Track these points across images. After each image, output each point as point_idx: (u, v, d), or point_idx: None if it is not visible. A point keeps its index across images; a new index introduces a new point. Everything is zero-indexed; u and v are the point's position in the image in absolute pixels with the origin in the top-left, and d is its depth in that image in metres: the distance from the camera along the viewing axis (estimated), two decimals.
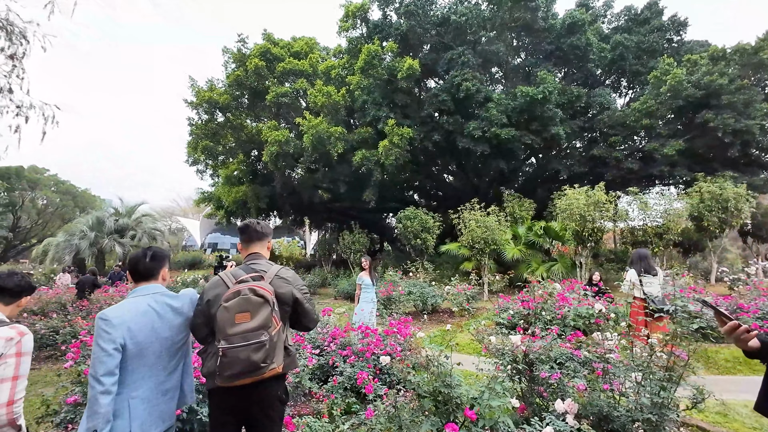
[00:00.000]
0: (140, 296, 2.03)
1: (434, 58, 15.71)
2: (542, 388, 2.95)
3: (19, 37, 8.37)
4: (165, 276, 2.20)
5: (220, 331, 1.87)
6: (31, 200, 39.26)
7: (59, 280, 13.86)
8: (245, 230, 2.28)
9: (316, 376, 4.46)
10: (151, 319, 1.96)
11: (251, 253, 2.28)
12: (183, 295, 2.17)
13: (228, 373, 1.85)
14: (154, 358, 1.96)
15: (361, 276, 6.79)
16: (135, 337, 1.87)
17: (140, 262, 2.11)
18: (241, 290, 1.93)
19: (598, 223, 10.62)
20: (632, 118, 13.72)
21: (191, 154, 19.26)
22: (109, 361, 1.78)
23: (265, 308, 1.92)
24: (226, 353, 1.83)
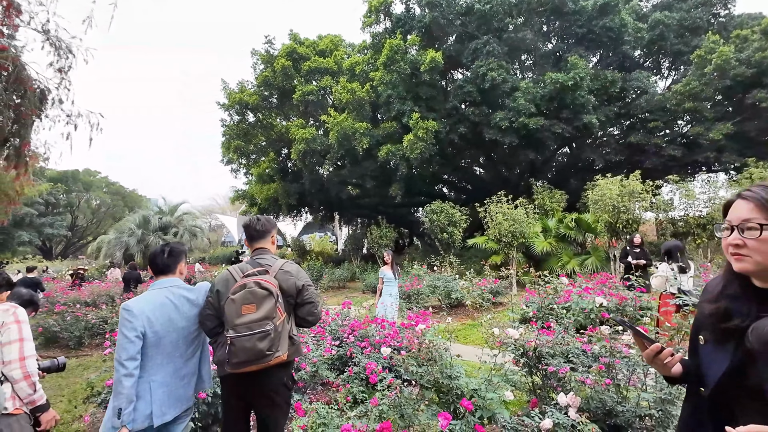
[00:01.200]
0: (158, 289, 2.23)
1: (459, 49, 15.43)
2: (553, 381, 2.93)
3: (66, 52, 9.10)
4: (182, 270, 2.40)
5: (228, 322, 2.02)
6: (86, 201, 42.51)
7: (110, 275, 15.02)
8: (247, 229, 2.43)
9: (335, 367, 4.62)
10: (168, 310, 2.16)
11: (257, 248, 2.42)
12: (198, 288, 2.37)
13: (236, 360, 1.99)
14: (171, 347, 2.16)
15: (383, 270, 6.90)
16: (153, 326, 2.08)
17: (158, 258, 2.32)
18: (247, 283, 2.07)
19: (633, 214, 10.11)
20: (674, 102, 12.87)
21: (225, 154, 20.11)
22: (131, 347, 1.99)
23: (269, 300, 2.05)
24: (234, 342, 1.98)
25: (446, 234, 13.55)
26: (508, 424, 2.29)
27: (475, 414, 2.23)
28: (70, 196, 40.63)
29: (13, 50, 7.77)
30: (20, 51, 8.26)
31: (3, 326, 2.01)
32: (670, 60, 15.49)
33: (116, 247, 26.49)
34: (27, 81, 8.01)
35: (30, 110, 7.98)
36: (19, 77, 7.92)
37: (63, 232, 38.94)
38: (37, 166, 31.65)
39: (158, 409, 2.06)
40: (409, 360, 2.64)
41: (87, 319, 7.50)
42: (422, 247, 21.43)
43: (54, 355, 7.10)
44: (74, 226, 42.75)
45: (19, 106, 7.68)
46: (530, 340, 2.66)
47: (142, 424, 2.00)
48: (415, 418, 2.30)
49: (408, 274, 10.33)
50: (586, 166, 18.19)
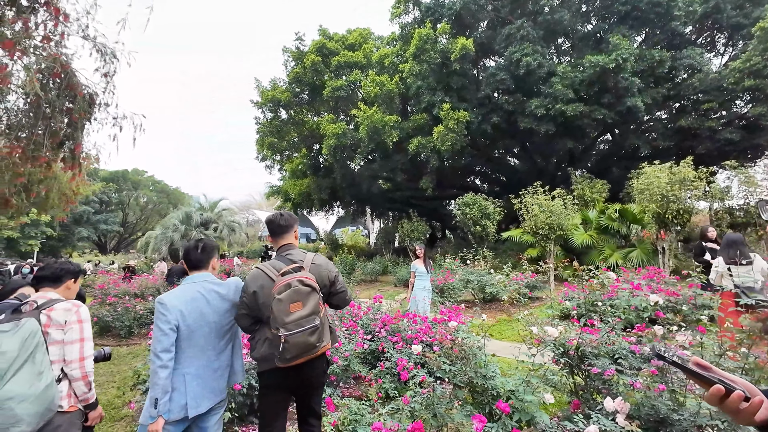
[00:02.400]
0: (191, 284, 2.28)
1: (491, 36, 14.88)
2: (597, 383, 2.74)
3: (111, 57, 9.62)
4: (215, 265, 2.44)
5: (277, 321, 2.04)
6: (134, 199, 45.34)
7: (157, 268, 15.91)
8: (271, 224, 2.45)
9: (367, 361, 4.61)
10: (200, 304, 2.21)
11: (283, 244, 2.44)
12: (228, 283, 2.40)
13: (289, 356, 2.06)
14: (204, 339, 2.20)
15: (414, 264, 6.81)
16: (186, 319, 2.13)
17: (192, 253, 2.37)
18: (291, 282, 2.11)
19: (684, 204, 9.36)
20: (731, 80, 11.74)
21: (260, 151, 20.68)
22: (165, 339, 2.05)
23: (313, 296, 2.12)
24: (288, 339, 2.03)
25: (479, 227, 13.21)
26: (548, 428, 2.15)
27: (512, 417, 2.11)
28: (121, 194, 43.50)
29: (64, 58, 8.32)
30: (70, 58, 8.83)
31: (66, 325, 2.07)
32: (727, 35, 14.12)
33: (162, 242, 28.01)
34: (77, 86, 8.54)
35: (80, 114, 8.54)
36: (70, 83, 8.46)
37: (116, 228, 41.81)
38: (92, 167, 34.08)
39: (192, 400, 2.11)
40: (441, 358, 2.55)
41: (135, 310, 7.96)
42: (455, 241, 21.09)
43: (107, 343, 7.62)
44: (125, 222, 45.78)
45: (70, 110, 8.23)
46: (571, 338, 2.48)
47: (177, 414, 2.05)
48: (448, 418, 2.22)
49: (441, 267, 10.16)
50: (629, 154, 17.12)
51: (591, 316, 3.65)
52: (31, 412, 1.70)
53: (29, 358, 1.72)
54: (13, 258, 30.97)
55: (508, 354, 3.16)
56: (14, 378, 1.67)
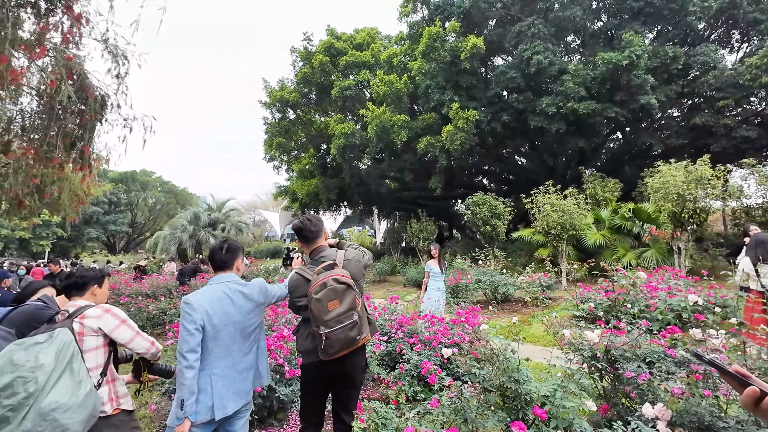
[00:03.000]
0: (216, 284, 2.25)
1: (501, 34, 14.75)
2: (629, 387, 2.66)
3: (122, 58, 9.66)
4: (239, 266, 2.41)
5: (317, 319, 2.12)
6: (143, 199, 45.73)
7: (166, 268, 16.00)
8: (302, 232, 2.47)
9: (384, 363, 4.55)
10: (225, 304, 2.19)
11: (315, 247, 2.48)
12: (253, 284, 2.37)
13: (332, 351, 2.15)
14: (229, 340, 2.18)
15: (429, 264, 6.74)
16: (211, 319, 2.11)
17: (217, 254, 2.34)
18: (326, 281, 2.16)
19: (701, 203, 9.19)
20: (748, 77, 11.51)
21: (267, 151, 20.72)
22: (191, 339, 2.03)
23: (349, 292, 2.19)
24: (329, 336, 2.11)
25: (489, 227, 13.09)
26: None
27: (548, 424, 2.04)
28: (129, 195, 43.92)
29: (77, 60, 8.37)
30: (83, 60, 8.89)
31: (99, 331, 2.07)
32: (742, 31, 13.86)
33: (171, 242, 28.23)
34: (89, 88, 8.59)
35: (91, 115, 8.58)
36: (82, 85, 8.51)
37: (125, 229, 42.22)
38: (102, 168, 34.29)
39: (219, 401, 2.10)
40: (471, 362, 2.48)
41: (148, 310, 7.98)
42: (463, 240, 20.98)
43: None
44: (134, 222, 46.20)
45: (82, 112, 8.28)
46: (604, 341, 2.39)
47: (204, 416, 2.03)
48: (479, 423, 2.15)
49: (452, 267, 10.08)
50: (641, 153, 16.88)
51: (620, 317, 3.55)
52: (75, 420, 1.74)
53: (66, 368, 1.76)
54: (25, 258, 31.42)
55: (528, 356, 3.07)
56: (54, 389, 1.70)
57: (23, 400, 1.62)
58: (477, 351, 2.58)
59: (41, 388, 1.67)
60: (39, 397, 1.65)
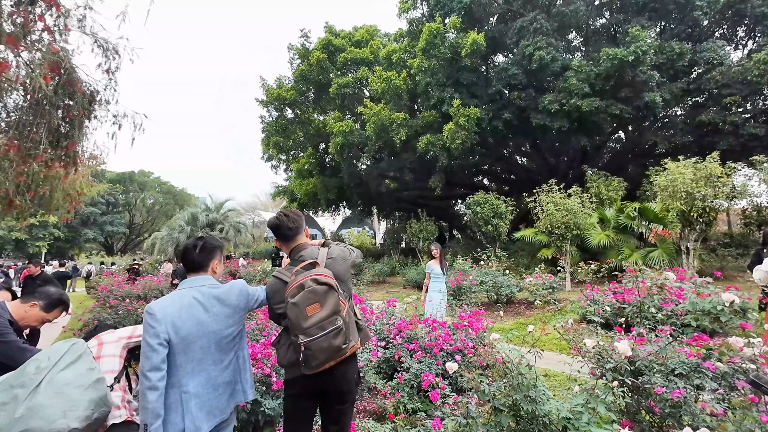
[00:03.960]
0: (187, 288, 1.94)
1: (502, 30, 14.47)
2: (652, 402, 2.35)
3: (113, 53, 9.36)
4: (216, 268, 2.09)
5: (296, 327, 1.85)
6: (141, 200, 45.43)
7: (162, 269, 15.68)
8: (278, 230, 2.18)
9: (382, 371, 4.25)
10: (197, 312, 1.88)
11: (294, 246, 2.19)
12: (230, 287, 2.06)
13: (314, 363, 1.87)
14: (202, 353, 1.88)
15: (430, 264, 6.42)
16: (179, 331, 1.81)
17: (189, 254, 2.03)
18: (303, 283, 1.88)
19: (709, 202, 8.89)
20: (756, 72, 11.22)
21: (265, 150, 20.43)
22: (154, 356, 1.73)
23: (331, 294, 1.90)
24: (309, 346, 1.83)
25: (491, 226, 12.79)
26: None
27: None
28: (127, 195, 43.62)
29: (64, 53, 8.08)
30: (70, 53, 8.59)
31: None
32: (749, 26, 13.58)
33: (168, 243, 27.92)
34: (77, 83, 8.32)
35: (79, 111, 8.29)
36: (70, 79, 8.21)
37: (122, 230, 41.89)
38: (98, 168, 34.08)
39: (191, 423, 1.80)
40: (480, 377, 2.18)
41: (138, 313, 7.65)
42: (463, 241, 20.69)
43: None
44: (132, 223, 45.87)
45: (69, 107, 7.99)
46: (629, 353, 2.08)
47: None
48: None
49: (453, 268, 9.77)
50: (645, 151, 16.59)
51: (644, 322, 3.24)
52: (86, 398, 1.79)
53: (78, 358, 1.87)
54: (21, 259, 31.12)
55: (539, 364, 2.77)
56: (67, 369, 1.81)
57: (34, 376, 1.73)
58: (484, 360, 2.27)
59: (52, 366, 1.78)
60: (50, 372, 1.76)
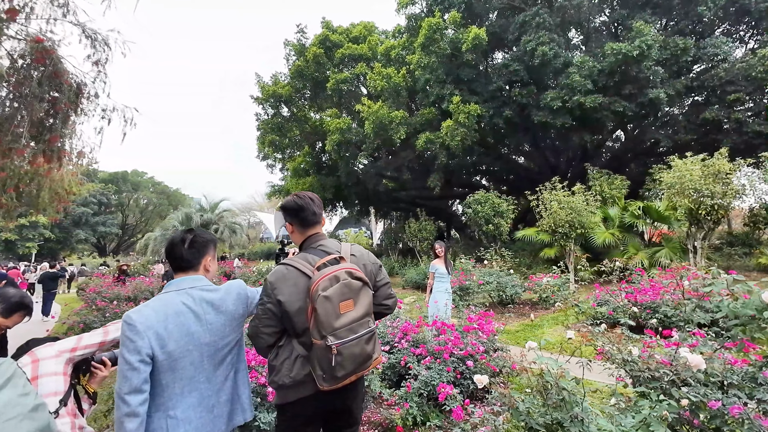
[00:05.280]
0: (174, 292, 1.61)
1: (503, 25, 14.22)
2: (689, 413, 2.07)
3: (102, 45, 8.97)
4: (208, 266, 1.75)
5: (324, 326, 1.55)
6: (134, 200, 44.81)
7: (154, 270, 15.30)
8: (301, 213, 1.80)
9: (387, 377, 3.94)
10: (187, 321, 1.55)
11: (310, 235, 1.84)
12: (227, 289, 1.73)
13: (342, 373, 1.58)
14: (194, 369, 1.55)
15: (434, 264, 6.11)
16: (165, 345, 1.48)
17: (177, 249, 1.69)
18: (338, 274, 1.61)
19: (718, 199, 8.66)
20: (761, 68, 11.05)
21: (261, 149, 20.04)
22: (134, 376, 1.40)
23: (365, 292, 1.67)
24: (341, 351, 1.55)
25: (492, 226, 12.53)
26: None
27: None
28: (120, 196, 42.98)
29: (49, 43, 7.69)
30: (57, 44, 8.21)
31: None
32: (752, 22, 13.43)
33: (161, 244, 27.48)
34: (63, 74, 7.93)
35: (65, 104, 7.90)
36: (56, 70, 7.84)
37: (115, 230, 41.25)
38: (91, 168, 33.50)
39: None
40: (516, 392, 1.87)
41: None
42: (462, 240, 20.43)
43: None
44: (125, 224, 45.21)
45: (55, 99, 7.60)
46: (703, 366, 1.80)
47: None
48: None
49: (455, 268, 9.49)
50: (646, 150, 16.42)
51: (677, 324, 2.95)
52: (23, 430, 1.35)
53: (6, 382, 1.38)
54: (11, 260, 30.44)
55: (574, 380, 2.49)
56: None
57: None
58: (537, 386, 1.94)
59: None
60: None
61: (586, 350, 5.07)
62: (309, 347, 1.62)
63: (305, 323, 1.62)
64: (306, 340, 1.63)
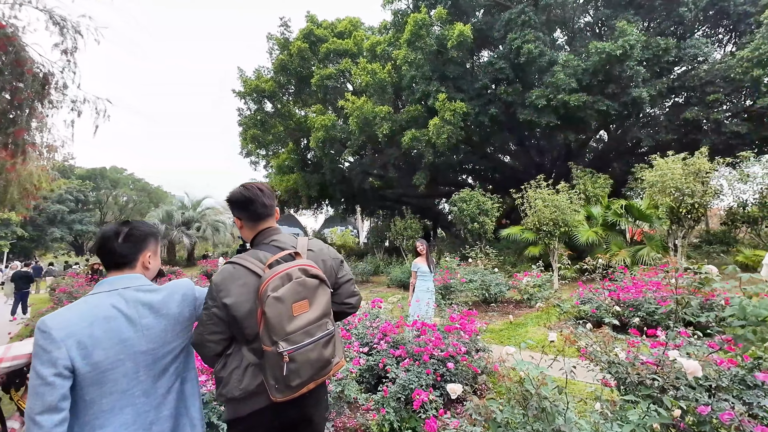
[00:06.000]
0: (104, 293, 1.39)
1: (488, 22, 14.18)
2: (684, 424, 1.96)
3: (72, 32, 8.52)
4: (148, 263, 1.53)
5: (275, 330, 1.38)
6: (113, 198, 43.52)
7: None
8: (250, 206, 1.61)
9: (365, 380, 3.77)
10: (118, 326, 1.33)
11: (263, 229, 1.65)
12: (171, 289, 1.52)
13: (297, 381, 1.41)
14: (127, 382, 1.33)
15: (416, 262, 5.96)
16: (90, 355, 1.26)
17: (109, 243, 1.46)
18: (291, 272, 1.44)
19: (698, 198, 8.75)
20: (739, 70, 11.24)
21: (244, 145, 19.61)
22: (49, 393, 1.18)
23: (323, 291, 1.51)
24: (295, 357, 1.39)
25: (477, 224, 12.49)
26: None
27: None
28: (98, 193, 41.68)
29: (11, 29, 7.25)
30: (22, 31, 7.75)
31: None
32: (731, 24, 13.69)
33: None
34: (26, 62, 7.49)
35: (29, 94, 7.46)
36: (18, 59, 7.39)
37: (92, 229, 39.96)
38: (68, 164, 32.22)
39: None
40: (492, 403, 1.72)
41: None
42: (448, 239, 20.41)
43: None
44: (103, 222, 43.84)
45: (17, 90, 7.16)
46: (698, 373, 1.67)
47: None
48: None
49: (440, 266, 9.38)
50: (629, 149, 16.64)
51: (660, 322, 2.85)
52: None
53: None
54: None
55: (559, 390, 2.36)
56: None
57: None
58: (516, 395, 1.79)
59: None
60: None
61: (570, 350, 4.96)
62: (261, 354, 1.44)
63: (256, 328, 1.43)
64: (257, 346, 1.45)
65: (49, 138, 10.10)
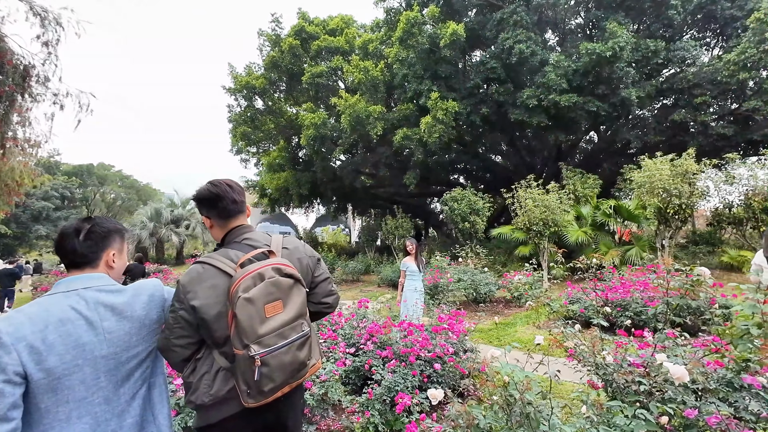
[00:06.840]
0: (62, 293, 1.29)
1: (481, 21, 14.17)
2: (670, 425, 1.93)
3: (54, 24, 8.29)
4: (112, 262, 1.44)
5: (247, 333, 1.31)
6: (100, 195, 42.74)
7: None
8: (218, 203, 1.53)
9: (350, 381, 3.70)
10: (76, 329, 1.23)
11: (234, 227, 1.57)
12: (137, 289, 1.42)
13: (270, 386, 1.34)
14: (85, 390, 1.24)
15: (405, 262, 5.90)
16: (43, 360, 1.17)
17: (68, 241, 1.37)
18: (263, 272, 1.37)
19: (686, 198, 8.84)
20: (726, 73, 11.39)
21: (234, 143, 19.37)
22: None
23: (297, 291, 1.44)
24: (268, 361, 1.32)
25: (468, 223, 12.49)
26: None
27: None
28: (85, 189, 40.88)
29: None
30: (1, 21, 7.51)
31: None
32: (718, 27, 13.88)
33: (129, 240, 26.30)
34: (6, 54, 7.27)
35: (10, 87, 7.25)
36: None
37: None
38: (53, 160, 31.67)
39: None
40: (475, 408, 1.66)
41: None
42: (440, 238, 20.41)
43: None
44: None
45: None
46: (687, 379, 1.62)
47: None
48: None
49: (430, 266, 9.34)
50: (618, 150, 16.80)
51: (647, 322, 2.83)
52: None
53: None
54: None
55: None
56: None
57: None
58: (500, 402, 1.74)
59: None
60: None
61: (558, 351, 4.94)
62: (232, 358, 1.37)
63: (226, 331, 1.36)
64: (228, 350, 1.38)
65: (32, 133, 9.86)
